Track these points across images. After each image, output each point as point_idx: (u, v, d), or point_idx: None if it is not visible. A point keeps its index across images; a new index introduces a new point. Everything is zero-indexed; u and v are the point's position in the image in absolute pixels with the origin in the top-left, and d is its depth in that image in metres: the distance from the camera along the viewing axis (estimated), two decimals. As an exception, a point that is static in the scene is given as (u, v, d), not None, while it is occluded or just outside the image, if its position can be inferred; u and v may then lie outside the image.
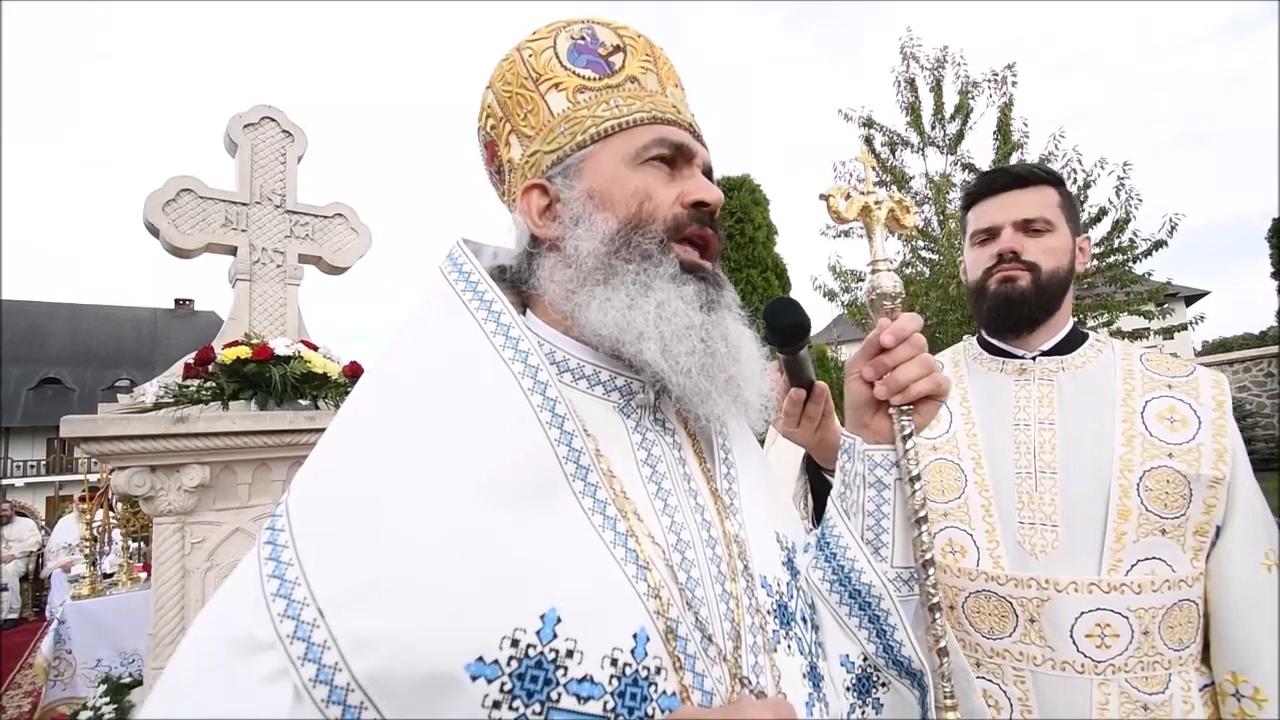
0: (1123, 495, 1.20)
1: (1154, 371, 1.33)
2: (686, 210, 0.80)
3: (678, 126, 0.83)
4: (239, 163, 3.55)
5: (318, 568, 0.58)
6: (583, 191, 0.79)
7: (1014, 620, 1.21)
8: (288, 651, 0.55)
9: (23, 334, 34.87)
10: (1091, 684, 1.15)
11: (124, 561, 5.68)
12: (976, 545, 1.27)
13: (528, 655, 0.57)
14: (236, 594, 0.61)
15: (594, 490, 0.68)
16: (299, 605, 0.56)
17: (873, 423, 0.86)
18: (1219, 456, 1.22)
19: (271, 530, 0.62)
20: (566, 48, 0.84)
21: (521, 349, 0.70)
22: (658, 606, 0.65)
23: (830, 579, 0.83)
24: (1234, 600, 1.19)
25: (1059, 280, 1.34)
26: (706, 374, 0.75)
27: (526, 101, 0.84)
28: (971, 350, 1.49)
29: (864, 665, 0.81)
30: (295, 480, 0.66)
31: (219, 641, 0.58)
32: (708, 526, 0.77)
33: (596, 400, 0.79)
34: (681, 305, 0.75)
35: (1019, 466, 1.29)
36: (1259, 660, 1.16)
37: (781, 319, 0.91)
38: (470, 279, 0.75)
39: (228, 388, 3.02)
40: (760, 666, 0.71)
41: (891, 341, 0.82)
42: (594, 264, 0.77)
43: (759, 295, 9.04)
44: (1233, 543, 1.21)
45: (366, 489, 0.62)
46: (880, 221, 0.90)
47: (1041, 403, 1.33)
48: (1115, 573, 1.17)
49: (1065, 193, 1.38)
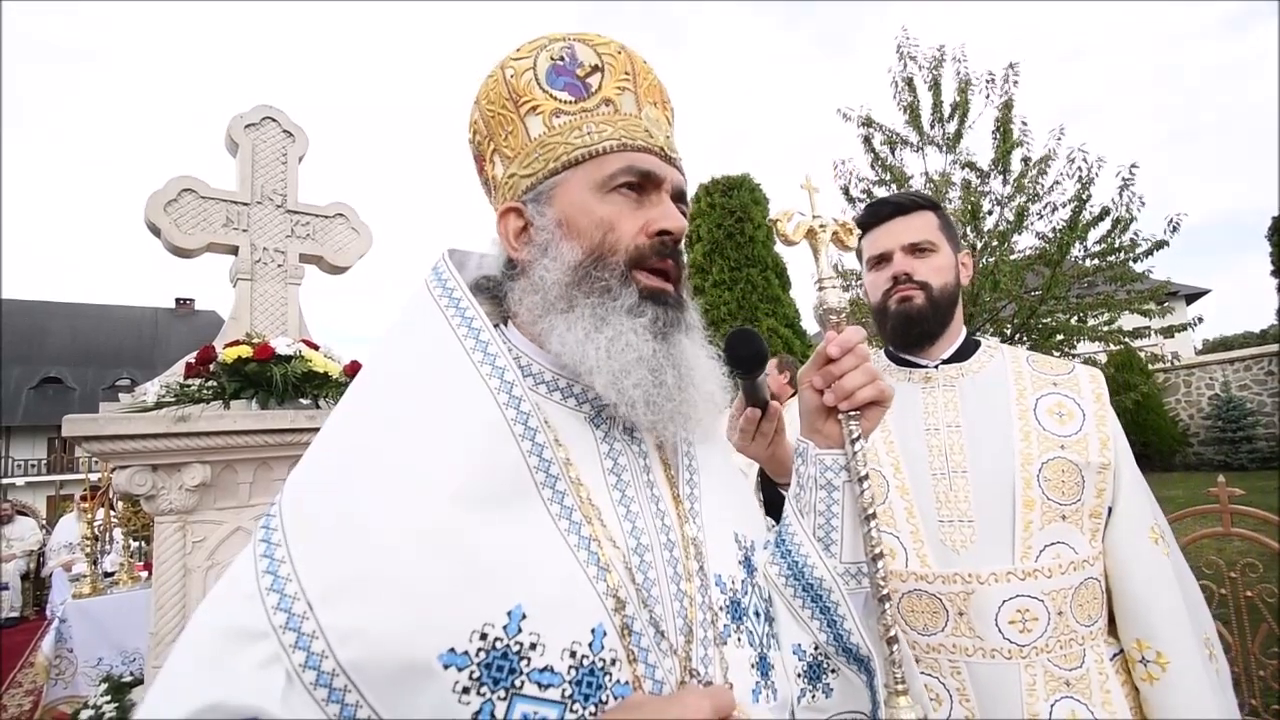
0: (1026, 487, 1.29)
1: (1040, 371, 1.45)
2: (650, 240, 0.83)
3: (648, 152, 0.85)
4: (240, 163, 3.55)
5: (308, 565, 0.64)
6: (553, 219, 0.83)
7: (944, 615, 1.29)
8: (280, 640, 0.61)
9: (23, 333, 34.90)
10: (1019, 667, 1.23)
11: (125, 560, 5.69)
12: (904, 547, 1.33)
13: (495, 647, 0.64)
14: (234, 587, 0.67)
15: (561, 497, 0.74)
16: (291, 599, 0.62)
17: (824, 428, 0.91)
18: (1103, 444, 1.33)
19: (266, 529, 0.69)
20: (546, 69, 0.86)
21: (498, 365, 0.75)
22: (615, 605, 0.71)
23: (786, 574, 0.88)
24: (1130, 573, 1.30)
25: (949, 294, 1.45)
26: (651, 406, 0.79)
27: (508, 122, 0.87)
28: (880, 363, 1.58)
29: (815, 653, 0.87)
30: (288, 481, 0.72)
31: (218, 631, 0.64)
32: (667, 531, 0.83)
33: (569, 412, 0.85)
34: (633, 338, 0.79)
35: (934, 469, 1.37)
36: (1159, 626, 1.26)
37: (743, 349, 0.96)
38: (453, 295, 0.80)
39: (229, 387, 3.03)
40: (709, 658, 0.77)
41: (838, 352, 0.88)
42: (558, 293, 0.81)
43: (758, 294, 9.04)
44: (1123, 521, 1.32)
45: (352, 493, 0.68)
46: (825, 243, 0.95)
47: (947, 407, 1.42)
48: (1027, 560, 1.26)
49: (943, 215, 1.51)
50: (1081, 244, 8.89)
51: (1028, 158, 8.98)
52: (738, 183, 9.55)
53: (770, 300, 9.02)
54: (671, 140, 0.91)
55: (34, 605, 9.79)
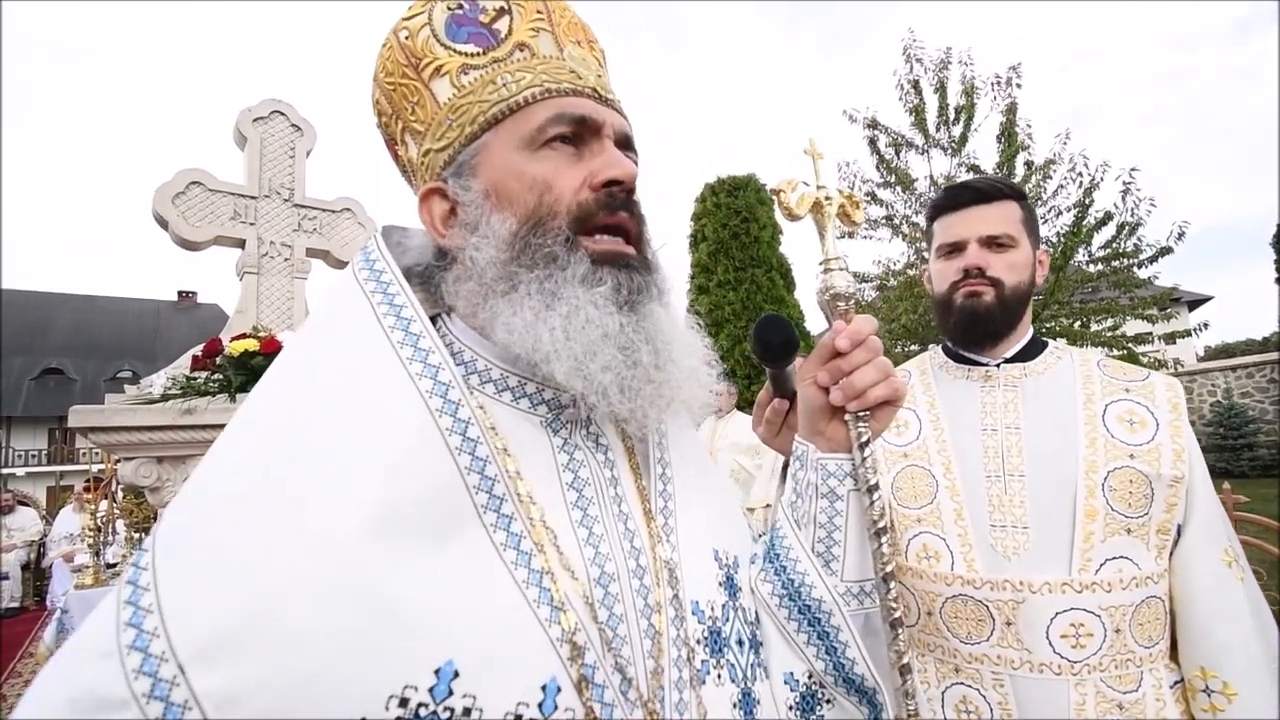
0: (1089, 495, 1.22)
1: (1111, 376, 1.37)
2: (596, 194, 0.71)
3: (578, 95, 0.73)
4: (248, 156, 3.56)
5: (180, 617, 0.51)
6: (479, 191, 0.72)
7: (991, 624, 1.22)
8: (144, 711, 0.49)
9: (25, 324, 34.96)
10: (1068, 685, 1.16)
11: (127, 552, 5.70)
12: (950, 550, 1.27)
13: (418, 715, 0.52)
14: (87, 645, 0.53)
15: (508, 522, 0.63)
16: (157, 660, 0.50)
17: (827, 430, 0.81)
18: (1177, 456, 1.24)
19: (135, 569, 0.55)
20: (444, 21, 0.75)
21: (431, 363, 0.64)
22: (571, 653, 0.60)
23: (779, 593, 0.78)
24: (1199, 597, 1.21)
25: (1021, 294, 1.37)
26: (627, 391, 0.69)
27: (412, 93, 0.76)
28: (937, 359, 1.52)
29: (809, 683, 0.77)
30: (165, 513, 0.59)
31: (65, 700, 0.51)
32: (637, 555, 0.71)
33: (521, 415, 0.73)
34: (594, 311, 0.68)
35: (988, 470, 1.31)
36: (1226, 655, 1.18)
37: (774, 336, 0.91)
38: (381, 279, 0.68)
39: (235, 380, 3.03)
40: (685, 703, 0.66)
41: (847, 345, 0.77)
42: (495, 273, 0.70)
43: (763, 295, 9.03)
44: (1194, 540, 1.23)
45: (240, 525, 0.55)
46: (831, 218, 0.85)
47: (1007, 408, 1.36)
48: (1085, 572, 1.18)
49: (1027, 207, 1.41)
50: (1086, 249, 8.88)
51: (1031, 161, 8.96)
52: (743, 183, 9.53)
53: (775, 301, 9.01)
54: (605, 80, 0.80)
55: (34, 596, 9.81)
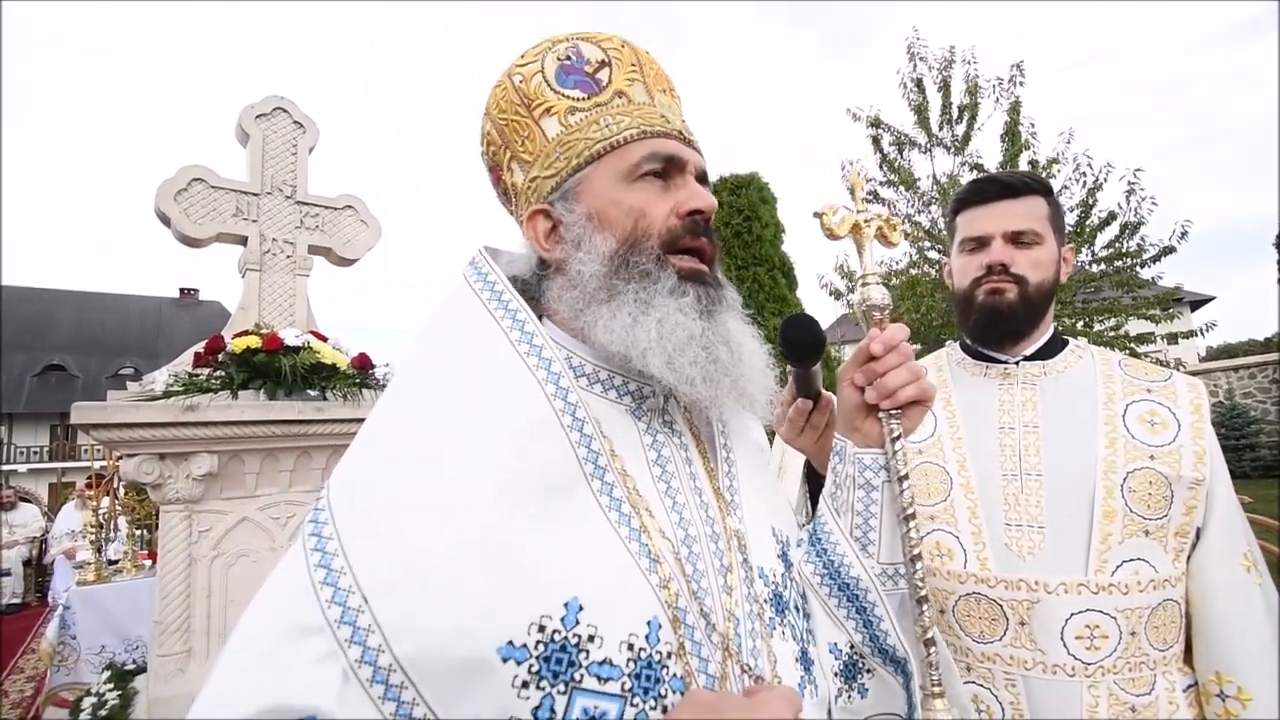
0: (1107, 496, 1.21)
1: (1133, 376, 1.35)
2: (681, 221, 0.84)
3: (667, 137, 0.86)
4: (250, 153, 3.55)
5: (363, 559, 0.62)
6: (582, 214, 0.84)
7: (1004, 623, 1.21)
8: (335, 635, 0.59)
9: (27, 321, 34.96)
10: (1081, 687, 1.15)
11: (129, 548, 5.70)
12: (963, 548, 1.26)
13: (553, 639, 0.63)
14: (285, 582, 0.65)
15: (610, 489, 0.74)
16: (345, 592, 0.61)
17: (863, 426, 0.90)
18: (1198, 459, 1.23)
19: (315, 523, 0.67)
20: (554, 70, 0.87)
21: (545, 355, 0.75)
22: (668, 597, 0.70)
23: (821, 572, 0.88)
24: (1216, 601, 1.20)
25: (1045, 292, 1.34)
26: (710, 381, 0.80)
27: (522, 128, 0.88)
28: (955, 355, 1.50)
29: (851, 653, 0.86)
30: (335, 476, 0.71)
31: (271, 627, 0.62)
32: (711, 522, 0.82)
33: (611, 404, 0.85)
34: (681, 318, 0.80)
35: (1004, 469, 1.29)
36: (1242, 660, 1.17)
37: (801, 335, 0.94)
38: (494, 287, 0.81)
39: (237, 377, 3.03)
40: (758, 650, 0.77)
41: (881, 350, 0.86)
42: (597, 285, 0.82)
43: (765, 293, 9.01)
44: (1213, 544, 1.22)
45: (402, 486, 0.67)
46: (870, 238, 0.93)
47: (1025, 406, 1.33)
48: (1102, 574, 1.17)
49: (1054, 202, 1.38)
50: (1089, 249, 8.86)
51: (1034, 160, 8.94)
52: (746, 181, 9.50)
53: (777, 299, 8.99)
54: (687, 124, 0.92)
55: (36, 592, 9.83)
